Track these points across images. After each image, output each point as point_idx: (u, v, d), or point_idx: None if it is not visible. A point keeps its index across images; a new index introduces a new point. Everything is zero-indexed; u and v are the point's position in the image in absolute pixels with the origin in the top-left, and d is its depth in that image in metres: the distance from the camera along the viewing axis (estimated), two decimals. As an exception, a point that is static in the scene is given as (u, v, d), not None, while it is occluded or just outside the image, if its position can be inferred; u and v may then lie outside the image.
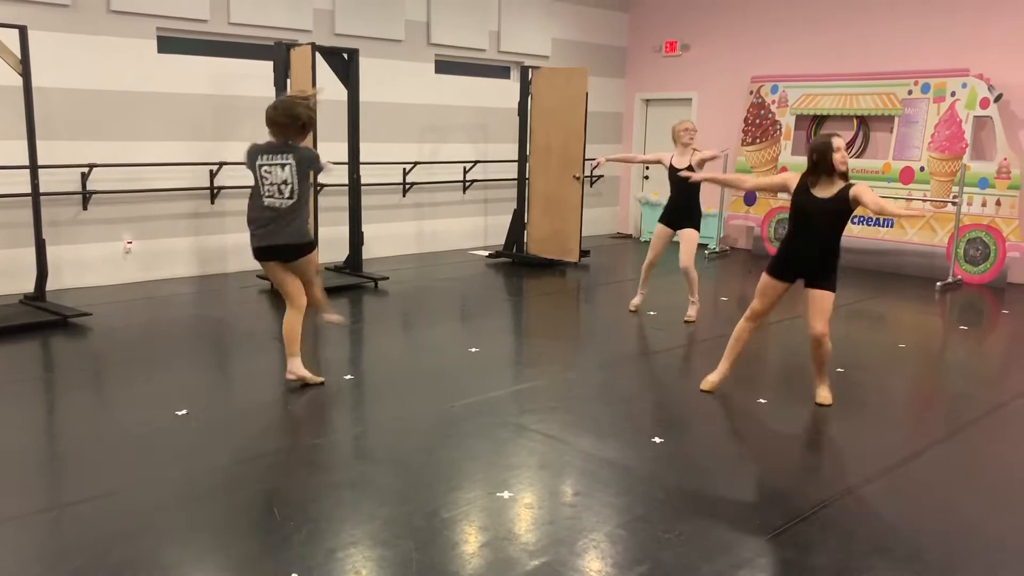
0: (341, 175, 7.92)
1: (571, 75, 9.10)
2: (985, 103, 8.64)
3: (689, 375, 5.60)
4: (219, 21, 8.05)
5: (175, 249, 8.10)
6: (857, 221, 9.30)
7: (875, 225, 9.43)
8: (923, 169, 9.09)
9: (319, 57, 7.40)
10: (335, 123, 7.96)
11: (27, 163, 6.32)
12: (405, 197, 9.78)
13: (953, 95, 8.86)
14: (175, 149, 7.88)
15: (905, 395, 5.30)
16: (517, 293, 8.17)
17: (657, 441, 4.19)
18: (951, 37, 9.07)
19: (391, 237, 9.70)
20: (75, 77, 7.28)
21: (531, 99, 9.23)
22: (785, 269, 4.68)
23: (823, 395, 4.81)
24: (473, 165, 10.34)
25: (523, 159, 9.44)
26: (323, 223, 8.18)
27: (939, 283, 8.59)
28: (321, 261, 7.80)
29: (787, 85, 10.17)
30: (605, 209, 12.22)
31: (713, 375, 5.00)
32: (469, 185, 10.41)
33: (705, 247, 10.56)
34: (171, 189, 7.92)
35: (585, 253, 9.38)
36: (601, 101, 11.50)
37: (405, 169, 9.61)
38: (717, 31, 11.03)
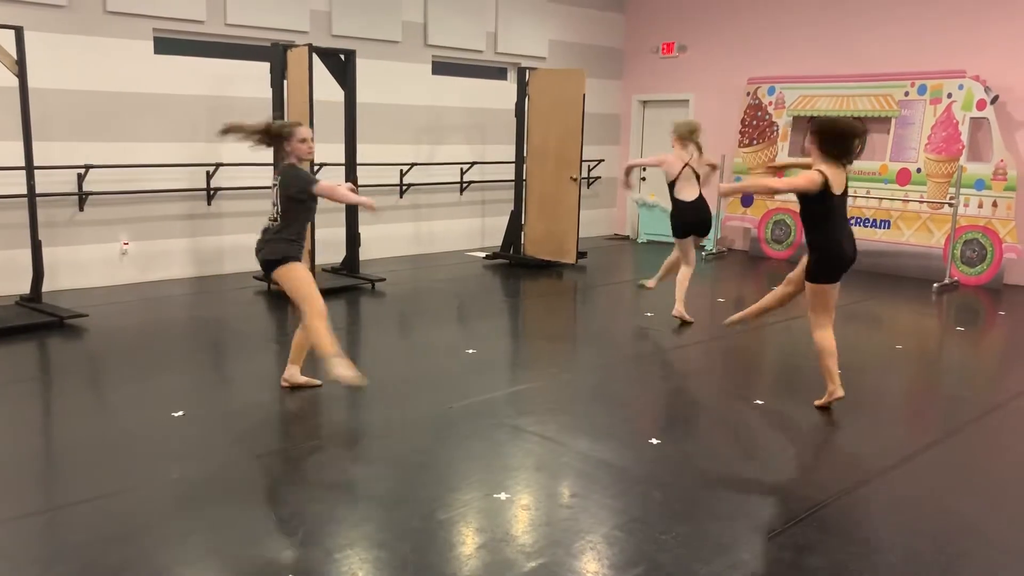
0: (338, 176, 7.90)
1: (568, 76, 9.10)
2: (981, 105, 8.65)
3: (686, 377, 5.60)
4: (215, 22, 8.04)
5: (171, 250, 8.09)
6: (855, 222, 9.31)
7: (872, 227, 9.44)
8: (920, 170, 9.10)
9: (316, 58, 7.39)
10: (332, 124, 7.95)
11: (23, 164, 6.31)
12: (402, 198, 9.78)
13: (950, 97, 8.87)
14: (172, 150, 7.87)
15: (902, 396, 5.31)
16: (514, 294, 8.17)
17: (654, 442, 4.19)
18: (948, 39, 9.09)
19: (388, 238, 9.69)
20: (71, 78, 7.26)
21: (528, 100, 9.23)
22: (842, 271, 4.57)
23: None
24: (470, 166, 10.34)
25: (520, 160, 9.44)
26: (320, 224, 8.13)
27: (936, 284, 8.59)
28: (318, 262, 7.84)
29: (784, 86, 10.18)
30: (602, 210, 12.22)
31: (737, 315, 5.22)
32: (466, 186, 10.40)
33: (702, 248, 10.56)
34: (167, 190, 7.90)
35: (582, 254, 9.39)
36: (598, 102, 11.50)
37: (402, 170, 9.61)
38: (714, 32, 11.04)
